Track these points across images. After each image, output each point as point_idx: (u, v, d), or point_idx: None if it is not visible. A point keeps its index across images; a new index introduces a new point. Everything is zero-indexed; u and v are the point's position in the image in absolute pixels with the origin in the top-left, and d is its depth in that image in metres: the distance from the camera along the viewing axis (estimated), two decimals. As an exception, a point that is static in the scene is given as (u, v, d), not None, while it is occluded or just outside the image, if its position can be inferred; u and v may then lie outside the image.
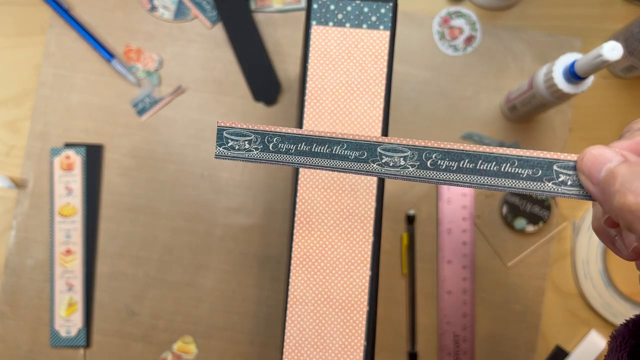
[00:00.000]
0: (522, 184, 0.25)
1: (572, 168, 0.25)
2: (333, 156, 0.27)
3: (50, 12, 0.58)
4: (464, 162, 0.26)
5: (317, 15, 0.36)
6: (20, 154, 0.57)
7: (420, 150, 0.26)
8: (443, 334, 0.55)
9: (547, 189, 0.25)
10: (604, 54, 0.39)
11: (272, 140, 0.27)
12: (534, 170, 0.25)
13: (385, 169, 0.26)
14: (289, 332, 0.36)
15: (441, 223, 0.56)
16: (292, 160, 0.27)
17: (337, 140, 0.27)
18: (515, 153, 0.25)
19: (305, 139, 0.27)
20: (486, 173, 0.25)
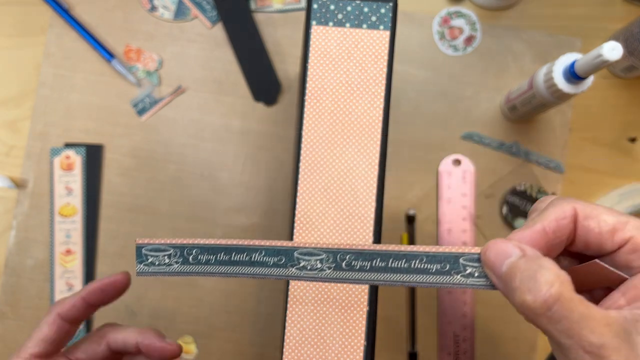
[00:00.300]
0: (433, 278, 0.26)
1: (477, 260, 0.26)
2: (252, 263, 0.27)
3: (50, 12, 0.58)
4: (376, 261, 0.26)
5: (317, 15, 0.36)
6: (20, 154, 0.57)
7: (334, 253, 0.27)
8: (443, 334, 0.55)
9: (456, 282, 0.26)
10: (604, 54, 0.39)
11: (191, 252, 0.28)
12: (442, 264, 0.26)
13: (304, 272, 0.27)
14: (289, 332, 0.36)
15: (441, 223, 0.56)
16: (213, 270, 0.27)
17: (255, 247, 0.27)
18: (422, 250, 0.26)
19: (223, 249, 0.27)
20: (398, 270, 0.26)
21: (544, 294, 0.22)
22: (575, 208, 0.26)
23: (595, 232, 0.26)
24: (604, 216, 0.26)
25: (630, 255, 0.25)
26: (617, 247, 0.26)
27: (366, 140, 0.36)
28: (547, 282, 0.23)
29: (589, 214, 0.26)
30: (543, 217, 0.26)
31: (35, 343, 0.34)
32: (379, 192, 0.36)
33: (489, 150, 0.56)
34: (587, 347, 0.22)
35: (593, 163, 0.57)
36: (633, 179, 0.57)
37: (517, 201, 0.55)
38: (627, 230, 0.25)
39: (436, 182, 0.56)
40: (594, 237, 0.26)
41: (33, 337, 0.34)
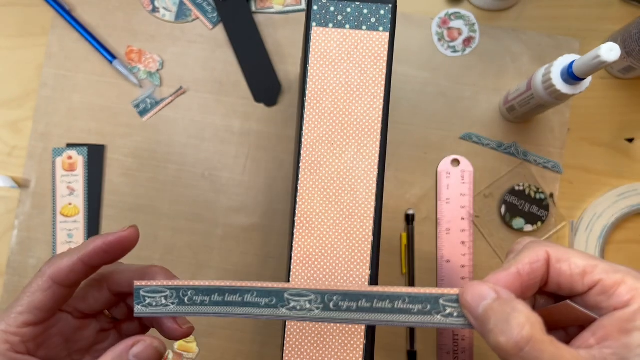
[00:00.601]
0: (415, 318, 0.27)
1: (456, 301, 0.27)
2: (245, 304, 0.28)
3: (52, 13, 0.58)
4: (362, 301, 0.28)
5: (317, 16, 0.37)
6: (23, 154, 0.57)
7: (322, 294, 0.28)
8: (442, 333, 0.55)
9: (437, 322, 0.27)
10: (602, 55, 0.39)
11: (186, 294, 0.28)
12: (423, 305, 0.27)
13: (294, 313, 0.28)
14: (289, 330, 0.36)
15: (440, 223, 0.56)
16: (208, 311, 0.28)
17: (247, 289, 0.28)
18: (404, 291, 0.27)
19: (217, 290, 0.28)
20: (382, 310, 0.27)
21: (516, 336, 0.24)
22: (548, 252, 0.28)
23: (567, 274, 0.27)
24: (575, 259, 0.27)
25: (599, 297, 0.27)
26: (587, 289, 0.27)
27: (366, 140, 0.36)
28: (519, 325, 0.24)
29: (561, 257, 0.28)
30: (518, 260, 0.28)
31: (27, 309, 0.29)
32: (379, 192, 0.36)
33: (488, 151, 0.57)
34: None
35: (591, 163, 0.57)
36: (631, 179, 0.57)
37: (516, 201, 0.55)
38: (596, 273, 0.27)
39: (435, 182, 0.57)
40: (566, 279, 0.27)
41: (24, 303, 0.29)
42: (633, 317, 0.25)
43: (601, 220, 0.55)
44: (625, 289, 0.26)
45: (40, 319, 0.30)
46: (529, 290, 0.28)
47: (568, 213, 0.57)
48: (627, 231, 0.57)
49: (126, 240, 0.30)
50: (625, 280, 0.26)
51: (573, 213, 0.57)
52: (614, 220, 0.55)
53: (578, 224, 0.56)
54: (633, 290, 0.26)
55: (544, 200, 0.55)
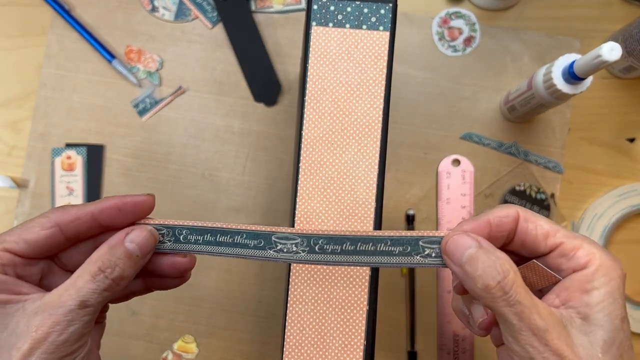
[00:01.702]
0: (395, 259, 0.29)
1: (434, 242, 0.29)
2: (235, 245, 0.30)
3: (51, 12, 0.58)
4: (346, 244, 0.30)
5: (317, 16, 0.37)
6: (22, 154, 0.57)
7: (308, 237, 0.30)
8: (443, 333, 0.55)
9: (416, 262, 0.29)
10: (603, 54, 0.39)
11: (181, 232, 0.30)
12: (404, 247, 0.29)
13: (280, 255, 0.30)
14: (289, 331, 0.36)
15: (440, 223, 0.56)
16: (201, 249, 0.31)
17: (237, 231, 0.30)
18: (387, 234, 0.29)
19: (210, 231, 0.30)
20: (365, 253, 0.29)
21: (503, 280, 0.26)
22: (518, 212, 0.30)
23: (532, 234, 0.30)
24: (541, 222, 0.30)
25: (560, 259, 0.29)
26: (549, 250, 0.29)
27: (366, 140, 0.36)
28: (505, 270, 0.27)
29: (529, 218, 0.30)
30: (489, 212, 0.30)
31: (15, 239, 0.28)
32: (379, 192, 0.36)
33: (488, 151, 0.57)
34: (534, 329, 0.26)
35: (592, 163, 0.57)
36: (632, 179, 0.57)
37: (516, 201, 0.55)
38: (558, 236, 0.29)
39: (435, 182, 0.56)
40: (530, 238, 0.30)
41: (15, 233, 0.28)
42: (591, 278, 0.28)
43: (602, 220, 0.55)
44: (583, 253, 0.28)
45: (23, 253, 0.29)
46: (495, 241, 0.30)
47: (569, 213, 0.56)
48: (628, 231, 0.57)
49: (141, 204, 0.30)
50: (583, 245, 0.29)
51: (574, 213, 0.56)
52: (615, 221, 0.55)
53: (579, 224, 0.56)
54: (590, 254, 0.28)
55: (545, 200, 0.55)
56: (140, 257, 0.29)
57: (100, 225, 0.30)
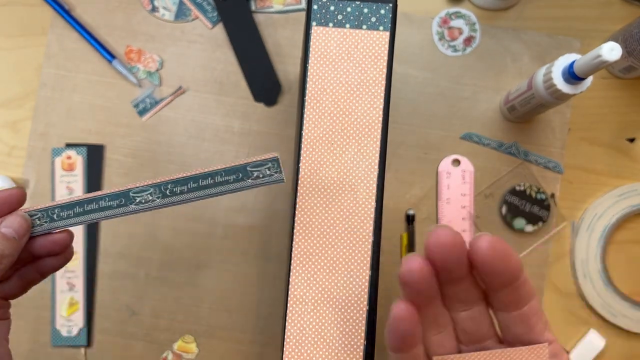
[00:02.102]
0: (232, 185, 0.34)
1: (259, 165, 0.34)
2: (102, 209, 0.34)
3: (51, 12, 0.58)
4: (190, 184, 0.34)
5: (317, 16, 0.37)
6: (22, 154, 0.57)
7: (158, 186, 0.34)
8: (443, 334, 0.55)
9: (249, 184, 0.34)
10: (603, 54, 0.39)
11: (53, 212, 0.34)
12: (236, 174, 0.34)
13: (140, 206, 0.34)
14: (289, 331, 0.36)
15: (440, 223, 0.56)
16: (76, 221, 0.34)
17: (100, 196, 0.34)
18: (220, 167, 0.34)
19: (77, 203, 0.34)
20: (207, 187, 0.34)
21: None
22: None
23: None
24: None
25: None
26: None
27: (366, 140, 0.36)
28: None
29: None
30: None
31: None
32: (379, 192, 0.36)
33: (488, 151, 0.57)
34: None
35: (592, 163, 0.57)
36: (632, 179, 0.57)
37: (517, 201, 0.55)
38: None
39: (435, 182, 0.56)
40: None
41: None
42: None
43: (602, 220, 0.55)
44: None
45: None
46: None
47: (569, 213, 0.56)
48: (628, 231, 0.57)
49: (12, 196, 0.34)
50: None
51: (574, 213, 0.56)
52: (615, 221, 0.55)
53: (579, 224, 0.56)
54: None
55: (545, 200, 0.55)
56: (17, 239, 0.33)
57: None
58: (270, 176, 0.34)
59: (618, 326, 0.55)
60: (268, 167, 0.34)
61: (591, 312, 0.56)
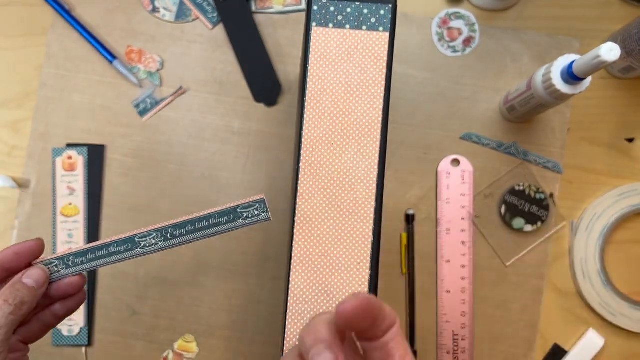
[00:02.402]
0: (225, 226, 0.37)
1: (249, 207, 0.37)
2: (111, 254, 0.37)
3: (51, 13, 0.58)
4: (188, 227, 0.37)
5: (317, 16, 0.37)
6: (23, 154, 0.57)
7: (159, 230, 0.37)
8: (442, 333, 0.55)
9: (240, 224, 0.37)
10: (602, 55, 0.39)
11: (69, 259, 0.38)
12: (228, 216, 0.37)
13: (146, 249, 0.37)
14: (289, 330, 0.36)
15: (440, 223, 0.56)
16: (88, 266, 0.37)
17: (109, 243, 0.37)
18: (214, 210, 0.37)
19: (89, 251, 0.37)
20: (203, 228, 0.37)
21: None
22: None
23: None
24: None
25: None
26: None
27: (366, 140, 0.36)
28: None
29: None
30: None
31: None
32: (379, 192, 0.36)
33: (488, 151, 0.57)
34: None
35: (591, 163, 0.57)
36: (631, 179, 0.57)
37: (516, 201, 0.55)
38: None
39: (435, 182, 0.57)
40: None
41: None
42: None
43: (601, 220, 0.55)
44: None
45: None
46: None
47: (568, 213, 0.57)
48: (628, 231, 0.57)
49: (32, 247, 0.37)
50: None
51: (573, 213, 0.57)
52: (614, 221, 0.55)
53: (578, 224, 0.56)
54: None
55: (544, 200, 0.55)
56: (37, 289, 0.36)
57: (4, 269, 0.37)
58: (258, 216, 0.37)
59: (617, 326, 0.55)
60: (256, 207, 0.37)
61: (590, 311, 0.56)
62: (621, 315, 0.55)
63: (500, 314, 0.56)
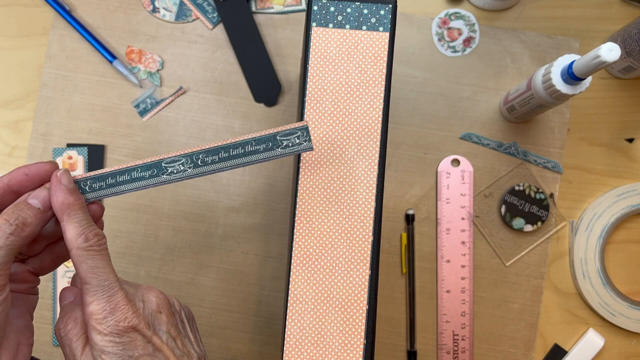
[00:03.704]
0: (263, 155, 0.34)
1: (290, 134, 0.34)
2: (134, 180, 0.34)
3: (52, 13, 0.58)
4: (221, 153, 0.34)
5: (318, 16, 0.37)
6: (23, 155, 0.57)
7: (190, 155, 0.34)
8: (442, 333, 0.55)
9: (279, 153, 0.34)
10: (602, 55, 0.39)
11: (86, 183, 0.35)
12: (266, 144, 0.34)
13: (173, 176, 0.34)
14: (289, 330, 0.36)
15: (440, 223, 0.56)
16: (106, 193, 0.35)
17: (132, 167, 0.34)
18: (250, 136, 0.34)
19: (110, 174, 0.34)
20: (238, 156, 0.34)
21: None
22: None
23: None
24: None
25: None
26: None
27: (366, 140, 0.36)
28: None
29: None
30: None
31: None
32: (379, 192, 0.36)
33: (488, 151, 0.57)
34: None
35: (591, 163, 0.57)
36: (630, 179, 0.57)
37: (516, 201, 0.55)
38: None
39: (435, 182, 0.57)
40: None
41: None
42: None
43: (601, 220, 0.55)
44: None
45: None
46: None
47: (568, 213, 0.57)
48: (627, 231, 0.57)
49: (44, 167, 0.34)
50: None
51: (573, 213, 0.57)
52: (614, 220, 0.55)
53: (578, 224, 0.56)
54: None
55: (544, 200, 0.55)
56: (44, 211, 0.33)
57: (12, 190, 0.34)
58: (299, 145, 0.34)
59: (617, 325, 0.55)
60: (297, 135, 0.34)
61: (590, 311, 0.56)
62: (621, 315, 0.55)
63: (500, 314, 0.56)
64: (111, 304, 0.32)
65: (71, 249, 0.32)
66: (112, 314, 0.32)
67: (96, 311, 0.31)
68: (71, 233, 0.32)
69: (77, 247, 0.32)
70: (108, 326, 0.31)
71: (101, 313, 0.32)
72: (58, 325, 0.33)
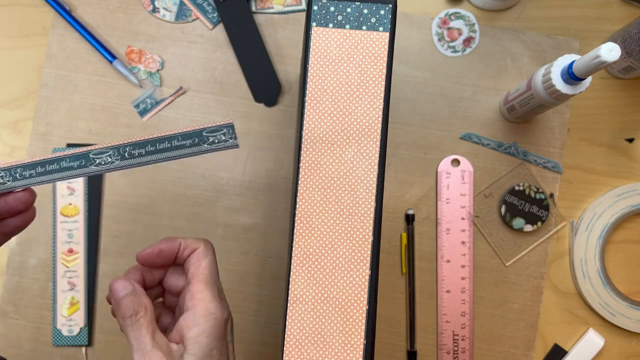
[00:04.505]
0: (189, 150, 0.35)
1: (215, 131, 0.35)
2: (63, 169, 0.35)
3: (52, 13, 0.58)
4: (148, 147, 0.35)
5: (317, 16, 0.37)
6: (23, 155, 0.57)
7: (117, 148, 0.34)
8: (442, 333, 0.55)
9: (205, 149, 0.35)
10: (602, 55, 0.39)
11: (17, 171, 0.35)
12: (192, 139, 0.35)
13: (100, 167, 0.35)
14: (289, 330, 0.36)
15: (440, 223, 0.56)
16: (37, 180, 0.35)
17: (61, 157, 0.35)
18: (177, 131, 0.35)
19: (39, 163, 0.35)
20: (165, 150, 0.35)
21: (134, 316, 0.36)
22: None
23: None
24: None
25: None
26: None
27: (366, 140, 0.36)
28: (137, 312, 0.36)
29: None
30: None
31: None
32: (379, 192, 0.36)
33: (488, 151, 0.57)
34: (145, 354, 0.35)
35: (591, 163, 0.57)
36: (631, 179, 0.57)
37: (516, 201, 0.55)
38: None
39: (435, 182, 0.57)
40: None
41: None
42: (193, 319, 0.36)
43: (601, 220, 0.55)
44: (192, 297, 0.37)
45: None
46: None
47: (568, 213, 0.57)
48: (627, 231, 0.57)
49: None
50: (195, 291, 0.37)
51: (573, 213, 0.57)
52: (614, 220, 0.55)
53: (578, 223, 0.56)
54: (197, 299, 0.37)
55: (544, 200, 0.55)
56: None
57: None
58: (225, 142, 0.35)
59: (617, 325, 0.55)
60: (223, 132, 0.35)
61: (590, 311, 0.56)
62: (621, 315, 0.55)
63: (500, 314, 0.56)
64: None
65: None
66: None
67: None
68: None
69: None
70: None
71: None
72: (123, 313, 0.36)
